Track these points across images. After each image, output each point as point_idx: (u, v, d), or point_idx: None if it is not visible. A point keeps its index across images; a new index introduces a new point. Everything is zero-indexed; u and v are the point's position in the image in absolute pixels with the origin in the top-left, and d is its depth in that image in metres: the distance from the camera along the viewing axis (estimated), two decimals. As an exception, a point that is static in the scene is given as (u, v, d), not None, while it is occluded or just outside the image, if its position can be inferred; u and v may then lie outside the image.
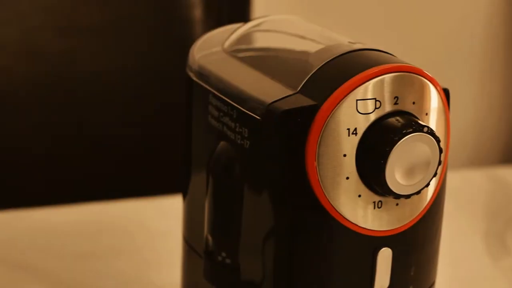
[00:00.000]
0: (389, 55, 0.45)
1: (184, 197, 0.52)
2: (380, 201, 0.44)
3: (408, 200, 0.44)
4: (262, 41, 0.52)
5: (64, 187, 0.94)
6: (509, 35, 1.37)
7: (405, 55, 0.48)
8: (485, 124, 1.41)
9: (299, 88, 0.43)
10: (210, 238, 0.47)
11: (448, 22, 1.34)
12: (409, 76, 0.43)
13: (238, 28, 0.51)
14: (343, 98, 0.42)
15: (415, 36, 1.33)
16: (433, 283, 0.49)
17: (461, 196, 0.86)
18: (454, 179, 0.90)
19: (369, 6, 1.28)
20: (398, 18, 1.31)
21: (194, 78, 0.49)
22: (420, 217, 0.46)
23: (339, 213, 0.43)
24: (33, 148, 0.92)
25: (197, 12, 0.92)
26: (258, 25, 0.52)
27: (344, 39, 0.47)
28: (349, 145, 0.42)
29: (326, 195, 0.43)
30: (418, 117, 0.43)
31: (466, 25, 1.35)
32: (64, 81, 0.92)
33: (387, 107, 0.43)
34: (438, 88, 0.45)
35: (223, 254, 0.46)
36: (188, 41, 0.53)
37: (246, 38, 0.51)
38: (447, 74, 1.36)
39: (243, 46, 0.50)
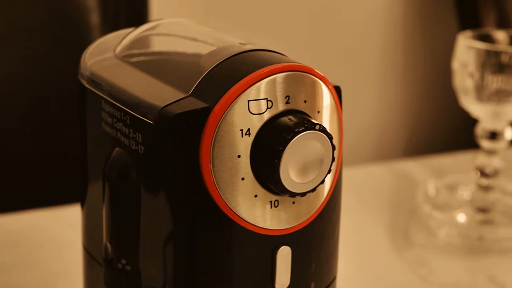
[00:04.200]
0: (279, 55, 0.45)
1: (82, 205, 0.51)
2: (276, 200, 0.44)
3: (304, 197, 0.45)
4: (154, 45, 0.52)
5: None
6: (408, 34, 1.40)
7: (303, 56, 0.48)
8: (386, 120, 1.43)
9: (191, 91, 0.43)
10: (109, 245, 0.46)
11: (347, 22, 1.36)
12: (300, 75, 0.44)
13: (130, 32, 0.51)
14: (235, 99, 0.42)
15: (315, 36, 1.34)
16: (334, 278, 0.50)
17: (365, 190, 0.87)
18: (357, 174, 0.92)
19: (264, 8, 1.29)
20: (295, 19, 1.32)
21: (86, 85, 0.48)
22: (317, 214, 0.46)
23: (236, 214, 0.43)
24: None
25: (94, 17, 0.91)
26: (150, 29, 0.52)
27: (235, 40, 0.47)
28: (243, 146, 0.42)
29: (223, 196, 0.43)
30: (310, 115, 0.44)
31: (366, 25, 1.37)
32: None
33: (279, 107, 0.43)
34: (330, 86, 0.45)
35: (123, 261, 0.46)
36: (86, 47, 0.53)
37: (138, 42, 0.50)
38: (349, 73, 1.38)
39: (135, 51, 0.50)
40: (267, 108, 0.43)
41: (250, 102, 0.42)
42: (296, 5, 1.31)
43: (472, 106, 0.78)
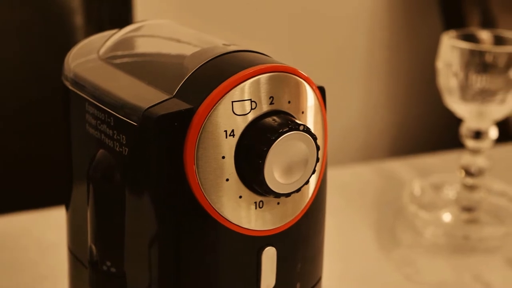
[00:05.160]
0: (263, 55, 0.45)
1: (67, 207, 0.51)
2: (261, 201, 0.44)
3: (289, 198, 0.45)
4: (138, 46, 0.52)
5: None
6: (393, 34, 1.41)
7: (287, 57, 0.48)
8: (372, 120, 1.44)
9: (175, 92, 0.43)
10: (94, 248, 0.46)
11: (332, 22, 1.36)
12: (284, 75, 0.44)
13: (114, 34, 0.51)
14: (219, 100, 0.42)
15: (299, 37, 1.34)
16: (319, 278, 0.50)
17: (350, 190, 0.87)
18: (344, 174, 0.92)
19: (248, 9, 1.29)
20: (279, 20, 1.32)
21: (70, 87, 0.48)
22: (302, 214, 0.46)
23: (221, 215, 0.43)
24: None
25: (78, 19, 0.90)
26: (133, 30, 0.51)
27: (219, 41, 0.47)
28: (227, 147, 0.42)
29: (207, 198, 0.43)
30: (294, 116, 0.44)
31: (350, 25, 1.37)
32: None
33: (264, 107, 0.43)
34: (314, 86, 0.45)
35: (108, 263, 0.45)
36: (70, 48, 0.53)
37: (122, 44, 0.50)
38: (334, 73, 1.38)
39: (119, 53, 0.49)
40: (251, 109, 0.43)
41: (234, 103, 0.42)
42: (280, 6, 1.31)
43: (457, 105, 0.78)
